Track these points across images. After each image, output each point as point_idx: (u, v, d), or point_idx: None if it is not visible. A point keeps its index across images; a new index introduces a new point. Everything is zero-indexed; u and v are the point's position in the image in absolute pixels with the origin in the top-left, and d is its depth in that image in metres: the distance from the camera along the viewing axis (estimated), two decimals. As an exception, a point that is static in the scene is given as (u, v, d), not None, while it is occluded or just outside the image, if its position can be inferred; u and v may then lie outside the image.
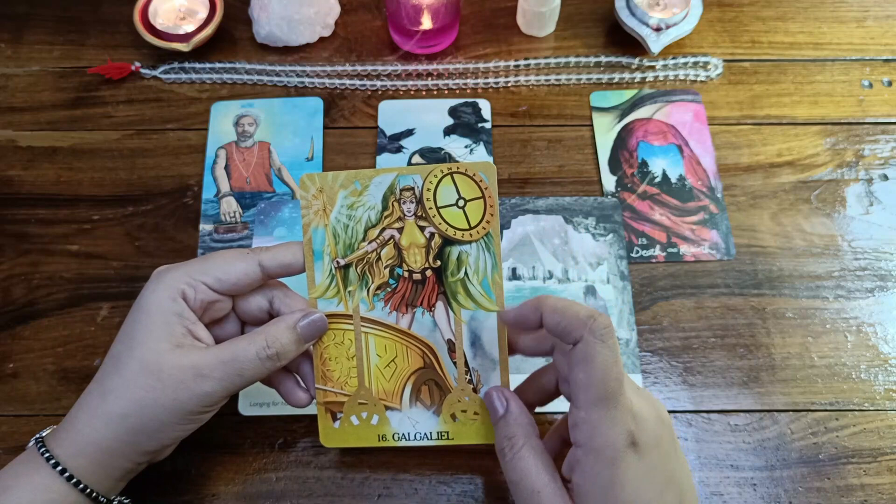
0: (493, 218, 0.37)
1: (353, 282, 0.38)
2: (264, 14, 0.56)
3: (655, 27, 0.55)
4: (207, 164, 0.53)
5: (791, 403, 0.44)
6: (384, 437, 0.39)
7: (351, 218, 0.38)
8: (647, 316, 0.47)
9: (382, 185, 0.38)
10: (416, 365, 0.39)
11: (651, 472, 0.31)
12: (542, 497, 0.32)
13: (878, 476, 0.42)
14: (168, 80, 0.57)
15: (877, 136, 0.54)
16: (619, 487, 0.30)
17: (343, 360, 0.39)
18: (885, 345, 0.46)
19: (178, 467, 0.42)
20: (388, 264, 0.38)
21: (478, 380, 0.38)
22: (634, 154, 0.53)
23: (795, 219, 0.50)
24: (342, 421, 0.39)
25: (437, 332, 0.39)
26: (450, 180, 0.38)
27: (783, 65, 0.57)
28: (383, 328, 0.39)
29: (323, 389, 0.39)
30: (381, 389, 0.39)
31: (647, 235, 0.50)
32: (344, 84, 0.56)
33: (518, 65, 0.57)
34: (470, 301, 0.38)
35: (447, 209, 0.38)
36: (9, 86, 0.57)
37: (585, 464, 0.31)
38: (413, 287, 0.38)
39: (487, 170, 0.37)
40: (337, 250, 0.38)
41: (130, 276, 0.48)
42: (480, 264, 0.38)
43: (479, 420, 0.39)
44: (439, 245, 0.38)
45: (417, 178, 0.38)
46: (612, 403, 0.31)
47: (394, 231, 0.38)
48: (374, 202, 0.38)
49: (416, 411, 0.39)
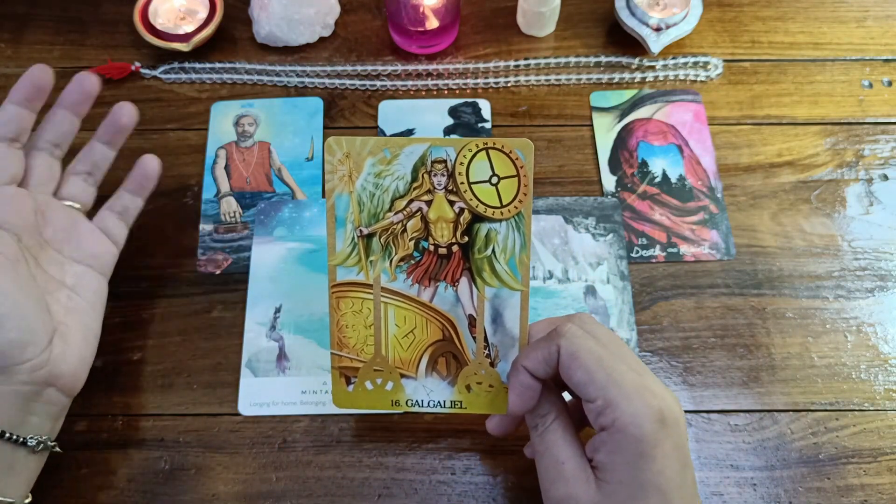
0: (525, 197, 0.37)
1: (376, 252, 0.38)
2: (264, 14, 0.56)
3: (655, 27, 0.55)
4: (207, 164, 0.53)
5: (791, 403, 0.44)
6: (397, 403, 0.39)
7: (378, 187, 0.37)
8: (647, 316, 0.47)
9: (413, 155, 0.37)
10: (434, 337, 0.39)
11: (675, 450, 0.32)
12: (566, 468, 0.33)
13: (878, 476, 0.42)
14: (168, 80, 0.57)
15: (877, 136, 0.54)
16: (647, 461, 0.31)
17: (360, 328, 0.39)
18: (885, 345, 0.46)
19: (178, 467, 0.43)
20: (413, 237, 0.38)
21: (496, 355, 0.38)
22: (634, 154, 0.53)
23: (795, 219, 0.50)
24: (356, 385, 0.39)
25: (459, 307, 0.38)
26: (484, 155, 0.37)
27: (783, 65, 0.57)
28: (404, 299, 0.38)
29: (338, 355, 0.39)
30: (397, 358, 0.39)
31: (647, 235, 0.50)
32: (344, 84, 0.56)
33: (518, 65, 0.57)
34: (495, 279, 0.38)
35: (479, 185, 0.37)
36: (9, 86, 0.56)
37: (612, 442, 0.32)
38: (438, 261, 0.38)
39: (525, 148, 0.36)
40: (361, 218, 0.37)
41: (130, 276, 0.48)
42: (509, 243, 0.37)
43: (493, 392, 0.39)
44: (468, 221, 0.37)
45: (451, 150, 0.37)
46: (628, 382, 0.32)
47: (422, 203, 0.37)
48: (404, 172, 0.37)
49: (432, 381, 0.39)
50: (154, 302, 0.48)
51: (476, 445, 0.43)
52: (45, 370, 0.37)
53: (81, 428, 0.43)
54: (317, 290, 0.48)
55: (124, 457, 0.43)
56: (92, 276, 0.42)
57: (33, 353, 0.37)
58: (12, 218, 0.39)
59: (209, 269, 0.49)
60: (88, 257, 0.42)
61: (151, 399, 0.45)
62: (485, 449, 0.43)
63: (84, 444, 0.43)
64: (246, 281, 0.48)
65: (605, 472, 0.32)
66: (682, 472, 0.32)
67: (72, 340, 0.39)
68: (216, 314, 0.47)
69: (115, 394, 0.45)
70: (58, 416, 0.40)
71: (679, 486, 0.31)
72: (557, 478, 0.34)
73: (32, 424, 0.37)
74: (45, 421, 0.38)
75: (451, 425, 0.44)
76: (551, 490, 0.34)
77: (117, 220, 0.45)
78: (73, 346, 0.39)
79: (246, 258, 0.49)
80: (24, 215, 0.40)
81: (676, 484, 0.31)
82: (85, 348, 0.40)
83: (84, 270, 0.42)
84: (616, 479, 0.32)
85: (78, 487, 0.42)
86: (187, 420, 0.44)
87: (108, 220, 0.44)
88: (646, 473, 0.31)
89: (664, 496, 0.31)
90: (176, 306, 0.48)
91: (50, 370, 0.37)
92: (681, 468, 0.32)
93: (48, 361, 0.37)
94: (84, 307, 0.41)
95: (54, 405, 0.39)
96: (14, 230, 0.39)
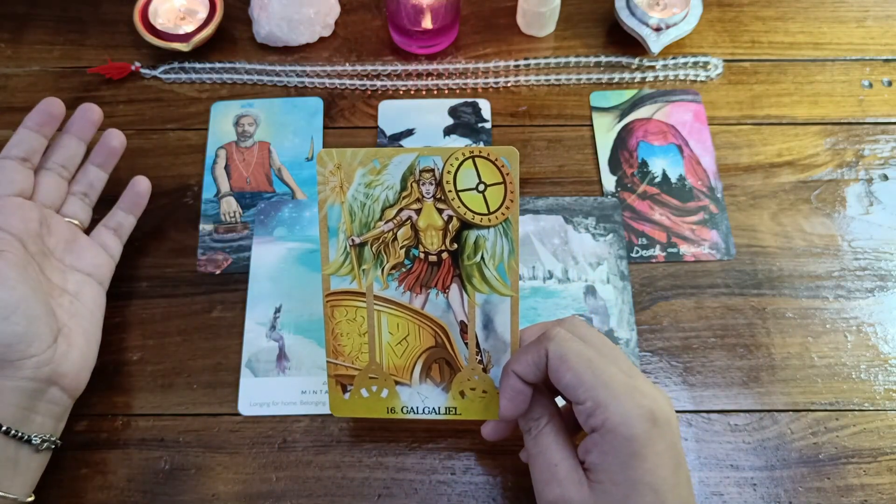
0: (512, 204, 0.37)
1: (368, 260, 0.38)
2: (264, 14, 0.56)
3: (655, 27, 0.55)
4: (207, 164, 0.53)
5: (791, 403, 0.44)
6: (393, 410, 0.40)
7: (368, 196, 0.38)
8: (647, 316, 0.47)
9: (402, 165, 0.38)
10: (427, 344, 0.39)
11: (668, 449, 0.32)
12: (559, 469, 0.34)
13: (878, 476, 0.42)
14: (168, 80, 0.57)
15: (877, 136, 0.54)
16: (639, 460, 0.31)
17: (355, 335, 0.39)
18: (885, 345, 0.46)
19: (178, 467, 0.43)
20: (404, 245, 0.38)
21: (488, 361, 0.39)
22: (634, 154, 0.53)
23: (795, 219, 0.50)
24: (352, 393, 0.40)
25: (451, 313, 0.39)
26: (471, 164, 0.37)
27: (783, 65, 0.57)
28: (396, 307, 0.39)
29: (334, 363, 0.39)
30: (391, 365, 0.39)
31: (647, 235, 0.50)
32: (344, 84, 0.56)
33: (518, 65, 0.57)
34: (485, 285, 0.38)
35: (467, 193, 0.37)
36: (9, 86, 0.57)
37: (603, 443, 0.32)
38: (428, 268, 0.38)
39: (510, 155, 0.37)
40: (352, 228, 0.38)
41: (130, 276, 0.48)
42: (497, 249, 0.38)
43: (486, 398, 0.39)
44: (457, 228, 0.38)
45: (438, 159, 0.37)
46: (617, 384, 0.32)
47: (411, 212, 0.38)
48: (393, 182, 0.38)
49: (426, 387, 0.39)
50: (154, 302, 0.48)
51: (476, 445, 0.43)
52: (49, 367, 0.38)
53: (81, 428, 0.43)
54: (317, 290, 0.47)
55: (124, 457, 0.43)
56: (91, 285, 0.44)
57: (39, 348, 0.38)
58: (19, 224, 0.41)
59: (209, 269, 0.49)
60: (88, 267, 0.44)
61: (151, 399, 0.45)
62: (484, 449, 0.43)
63: (84, 444, 0.43)
64: (246, 281, 0.48)
65: (598, 472, 0.32)
66: (675, 471, 0.32)
67: (75, 342, 0.41)
68: (216, 314, 0.47)
69: (115, 394, 0.45)
70: (61, 416, 0.41)
71: (674, 486, 0.31)
72: (551, 480, 0.34)
73: (36, 423, 0.39)
74: (48, 420, 0.39)
75: (451, 425, 0.44)
76: (545, 492, 0.34)
77: (112, 236, 0.47)
78: (76, 348, 0.41)
79: (246, 258, 0.49)
80: (30, 224, 0.42)
81: (670, 483, 0.31)
82: (87, 351, 0.42)
83: (84, 279, 0.44)
84: (609, 479, 0.32)
85: (78, 487, 0.42)
86: (187, 420, 0.44)
87: (105, 236, 0.46)
88: (638, 472, 0.31)
89: (657, 495, 0.31)
90: (176, 306, 0.48)
91: (54, 368, 0.39)
92: (674, 467, 0.32)
93: (52, 359, 0.39)
94: (85, 313, 0.42)
95: (57, 405, 0.40)
96: (20, 236, 0.41)
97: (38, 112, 0.45)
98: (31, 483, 0.39)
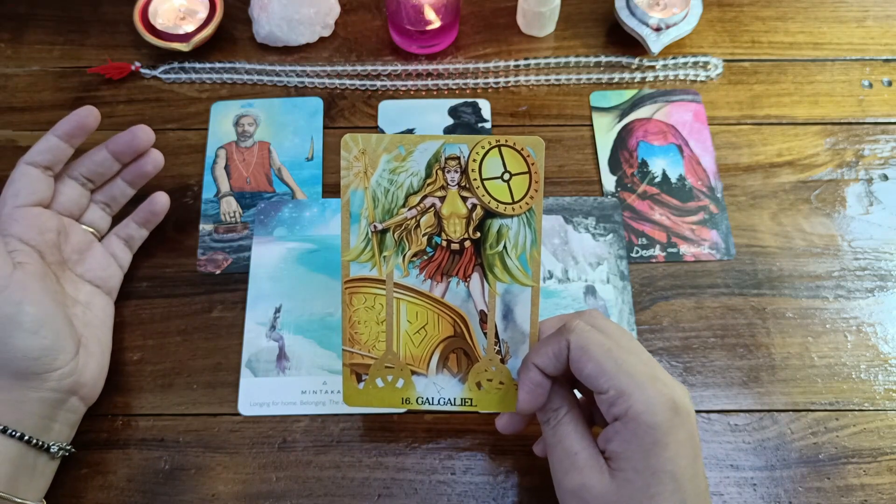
0: (537, 194, 0.37)
1: (389, 247, 0.38)
2: (264, 14, 0.56)
3: (655, 27, 0.55)
4: (207, 164, 0.53)
5: (791, 403, 0.44)
6: (408, 401, 0.40)
7: (392, 183, 0.38)
8: (647, 316, 0.47)
9: (427, 152, 0.37)
10: (446, 333, 0.39)
11: (688, 439, 0.32)
12: (579, 458, 0.34)
13: (878, 476, 0.42)
14: (168, 80, 0.57)
15: (877, 136, 0.54)
16: (661, 448, 0.31)
17: (372, 324, 0.39)
18: (885, 345, 0.46)
19: (178, 467, 0.43)
20: (426, 232, 0.38)
21: (506, 351, 0.39)
22: (634, 154, 0.53)
23: (795, 219, 0.50)
24: (367, 382, 0.39)
25: (471, 303, 0.39)
26: (497, 153, 0.37)
27: (783, 65, 0.57)
28: (416, 295, 0.39)
29: (349, 351, 0.39)
30: (408, 355, 0.39)
31: (647, 235, 0.50)
32: (344, 84, 0.56)
33: (518, 65, 0.57)
34: (506, 274, 0.38)
35: (492, 181, 0.37)
36: (9, 86, 0.57)
37: (625, 431, 0.32)
38: (450, 257, 0.38)
39: (536, 145, 0.37)
40: (375, 214, 0.38)
41: (130, 276, 0.48)
42: (520, 239, 0.38)
43: (503, 389, 0.39)
44: (480, 217, 0.38)
45: (464, 147, 0.37)
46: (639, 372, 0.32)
47: (435, 199, 0.38)
48: (418, 169, 0.38)
49: (442, 378, 0.39)
50: (154, 302, 0.48)
51: (476, 445, 0.43)
52: (72, 379, 0.39)
53: (81, 428, 0.43)
54: (317, 290, 0.48)
55: (124, 457, 0.43)
56: (101, 296, 0.44)
57: (64, 360, 0.39)
58: (37, 236, 0.41)
59: (209, 269, 0.49)
60: (97, 279, 0.45)
61: (151, 399, 0.45)
62: (485, 449, 0.43)
63: (84, 444, 0.43)
64: (246, 281, 0.48)
65: (619, 460, 0.32)
66: (694, 461, 0.32)
67: (92, 352, 0.41)
68: (216, 314, 0.47)
69: (115, 394, 0.45)
70: (75, 424, 0.41)
71: (692, 476, 0.32)
72: (570, 468, 0.34)
73: (55, 431, 0.39)
74: (64, 428, 0.40)
75: (451, 425, 0.44)
76: (564, 481, 0.34)
77: (123, 247, 0.47)
78: (93, 357, 0.41)
79: (246, 258, 0.49)
80: (48, 235, 0.42)
81: (689, 473, 0.31)
82: (102, 360, 0.42)
83: (94, 290, 0.44)
84: (630, 466, 0.32)
85: (78, 487, 0.42)
86: (187, 420, 0.44)
87: (116, 246, 0.47)
88: (659, 460, 0.31)
89: (677, 483, 0.31)
90: (176, 306, 0.48)
91: (76, 379, 0.39)
92: (693, 457, 0.32)
93: (75, 370, 0.39)
94: (97, 322, 0.43)
95: (74, 413, 0.41)
96: (39, 247, 0.41)
97: (70, 122, 0.43)
98: (44, 488, 0.40)
